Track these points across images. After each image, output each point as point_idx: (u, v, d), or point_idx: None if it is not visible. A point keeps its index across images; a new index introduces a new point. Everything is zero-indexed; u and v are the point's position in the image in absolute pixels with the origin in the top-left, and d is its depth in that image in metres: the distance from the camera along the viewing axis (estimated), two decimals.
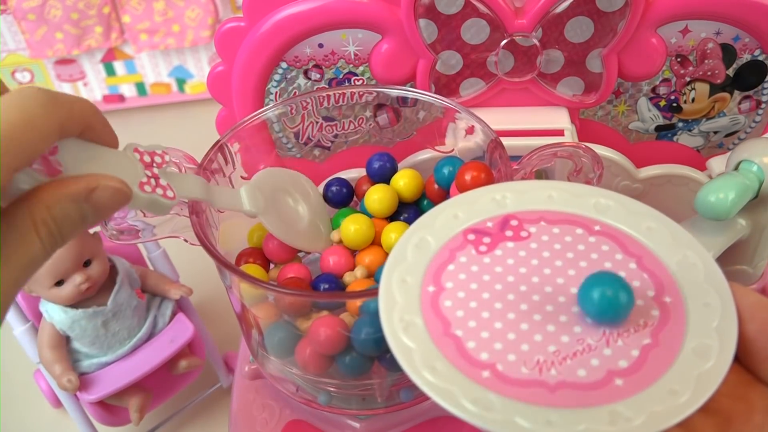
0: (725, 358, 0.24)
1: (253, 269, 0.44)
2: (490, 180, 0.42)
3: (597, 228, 0.30)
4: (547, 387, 0.25)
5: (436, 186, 0.47)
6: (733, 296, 0.26)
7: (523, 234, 0.30)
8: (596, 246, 0.29)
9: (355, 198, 0.50)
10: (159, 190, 0.31)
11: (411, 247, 0.30)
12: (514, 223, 0.31)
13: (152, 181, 0.31)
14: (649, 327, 0.26)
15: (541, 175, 0.49)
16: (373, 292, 0.29)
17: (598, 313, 0.26)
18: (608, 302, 0.26)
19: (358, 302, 0.39)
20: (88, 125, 0.28)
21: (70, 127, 0.27)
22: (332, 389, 0.42)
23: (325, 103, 0.49)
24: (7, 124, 0.23)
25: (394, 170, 0.49)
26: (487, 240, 0.30)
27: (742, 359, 0.25)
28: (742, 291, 0.26)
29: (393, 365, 0.39)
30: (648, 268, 0.28)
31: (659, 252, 0.29)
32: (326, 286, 0.43)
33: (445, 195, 0.47)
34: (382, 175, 0.49)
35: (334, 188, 0.49)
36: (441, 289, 0.28)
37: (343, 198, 0.50)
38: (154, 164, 0.32)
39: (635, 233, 0.30)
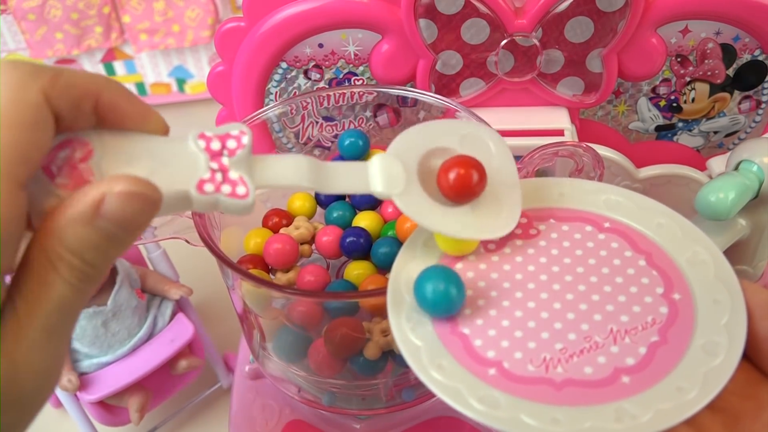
0: (734, 356, 0.24)
1: (255, 274, 0.44)
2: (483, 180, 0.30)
3: (607, 225, 0.30)
4: (554, 385, 0.25)
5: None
6: (744, 293, 0.26)
7: (533, 231, 0.30)
8: (606, 243, 0.29)
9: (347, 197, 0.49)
10: (226, 188, 0.25)
11: (420, 246, 0.30)
12: (523, 220, 0.31)
13: (218, 176, 0.25)
14: (657, 324, 0.26)
15: (542, 174, 0.49)
16: (383, 291, 0.29)
17: (431, 307, 0.27)
18: (440, 296, 0.27)
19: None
20: (109, 104, 0.23)
21: (60, 99, 0.21)
22: (336, 390, 0.42)
23: (325, 103, 0.49)
24: None
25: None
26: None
27: (752, 357, 0.25)
28: (753, 288, 0.26)
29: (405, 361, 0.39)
30: (657, 264, 0.28)
31: (669, 248, 0.29)
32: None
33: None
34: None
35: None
36: None
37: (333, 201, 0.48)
38: (225, 151, 0.26)
39: (645, 230, 0.30)
